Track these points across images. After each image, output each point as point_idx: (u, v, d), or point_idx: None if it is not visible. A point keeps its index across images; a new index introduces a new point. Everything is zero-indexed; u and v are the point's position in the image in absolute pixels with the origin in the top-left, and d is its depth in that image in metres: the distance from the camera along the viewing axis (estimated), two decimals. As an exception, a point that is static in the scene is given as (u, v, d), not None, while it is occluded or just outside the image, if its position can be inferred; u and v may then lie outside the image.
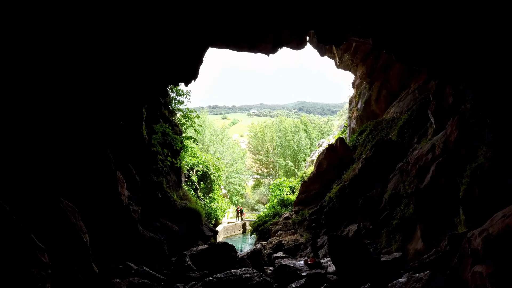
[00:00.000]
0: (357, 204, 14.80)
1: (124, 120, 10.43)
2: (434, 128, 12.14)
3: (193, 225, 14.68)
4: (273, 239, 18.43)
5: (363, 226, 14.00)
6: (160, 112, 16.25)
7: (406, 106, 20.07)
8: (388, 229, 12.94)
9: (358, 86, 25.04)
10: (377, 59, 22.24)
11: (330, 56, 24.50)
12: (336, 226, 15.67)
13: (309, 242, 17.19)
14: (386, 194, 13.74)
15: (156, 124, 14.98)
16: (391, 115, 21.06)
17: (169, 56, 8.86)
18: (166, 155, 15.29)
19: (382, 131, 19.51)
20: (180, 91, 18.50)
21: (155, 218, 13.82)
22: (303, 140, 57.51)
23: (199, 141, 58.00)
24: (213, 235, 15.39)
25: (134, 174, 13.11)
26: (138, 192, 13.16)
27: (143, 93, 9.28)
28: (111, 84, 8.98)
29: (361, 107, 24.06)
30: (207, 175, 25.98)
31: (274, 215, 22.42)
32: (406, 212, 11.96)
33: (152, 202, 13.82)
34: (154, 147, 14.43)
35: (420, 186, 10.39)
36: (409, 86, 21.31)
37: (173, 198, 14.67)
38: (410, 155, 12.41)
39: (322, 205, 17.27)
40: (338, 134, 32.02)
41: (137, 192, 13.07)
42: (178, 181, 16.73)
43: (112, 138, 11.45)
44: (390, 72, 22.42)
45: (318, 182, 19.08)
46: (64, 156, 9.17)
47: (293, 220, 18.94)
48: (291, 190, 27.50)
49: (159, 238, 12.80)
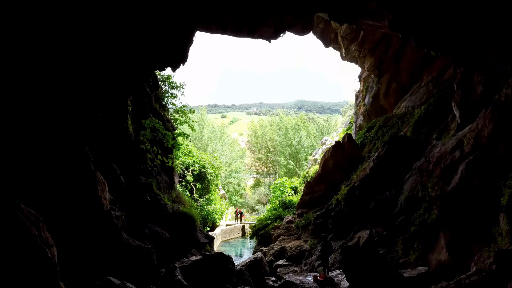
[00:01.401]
0: (369, 207, 13.55)
1: (104, 112, 9.14)
2: (459, 122, 10.87)
3: (186, 231, 13.41)
4: (274, 245, 17.19)
5: (375, 232, 12.75)
6: (150, 106, 14.97)
7: (419, 100, 18.81)
8: (405, 236, 11.70)
9: (365, 80, 23.75)
10: (387, 50, 20.95)
11: (335, 47, 23.18)
12: (345, 232, 14.42)
13: (314, 249, 15.96)
14: (402, 196, 12.49)
15: (145, 119, 13.69)
16: (402, 110, 19.79)
17: (154, 35, 7.57)
18: (156, 154, 14.01)
19: (393, 127, 18.24)
20: (173, 83, 17.23)
21: (143, 224, 12.56)
22: (304, 138, 56.29)
23: (197, 140, 56.79)
24: (209, 242, 14.14)
25: (118, 175, 11.83)
26: (123, 195, 11.89)
27: (124, 80, 8.01)
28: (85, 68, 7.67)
29: (368, 102, 22.78)
30: (203, 175, 24.69)
31: (275, 218, 21.17)
32: (427, 218, 10.72)
33: (140, 206, 12.56)
34: (142, 145, 13.15)
35: (446, 189, 9.13)
36: (421, 78, 20.04)
37: (164, 201, 13.40)
38: (431, 153, 11.13)
39: (329, 208, 16.02)
40: (342, 132, 30.75)
41: (122, 195, 11.80)
42: (170, 182, 15.45)
43: (91, 134, 10.15)
44: (400, 64, 21.15)
45: (323, 182, 17.83)
46: (29, 154, 7.87)
47: (297, 224, 17.69)
48: (293, 191, 26.24)
49: (147, 246, 11.53)
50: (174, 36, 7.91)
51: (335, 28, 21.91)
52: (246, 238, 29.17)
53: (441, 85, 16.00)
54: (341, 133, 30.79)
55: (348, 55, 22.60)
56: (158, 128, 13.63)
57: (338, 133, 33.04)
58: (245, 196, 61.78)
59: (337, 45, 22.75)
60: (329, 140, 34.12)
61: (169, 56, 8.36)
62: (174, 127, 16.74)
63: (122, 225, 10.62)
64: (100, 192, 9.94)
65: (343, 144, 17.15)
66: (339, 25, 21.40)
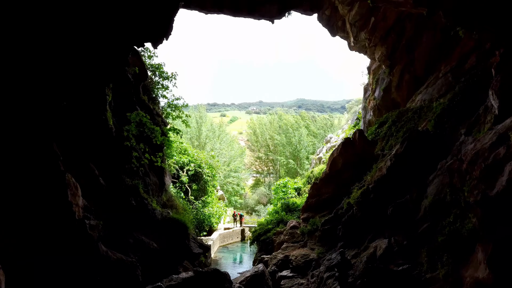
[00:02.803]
0: (386, 213, 12.08)
1: (72, 100, 7.64)
2: (496, 114, 9.39)
3: (177, 241, 11.94)
4: (277, 253, 15.73)
5: (395, 242, 11.27)
6: (137, 98, 13.49)
7: (437, 92, 17.33)
8: (431, 247, 10.22)
9: (375, 71, 22.25)
10: (400, 38, 19.45)
11: (342, 36, 21.67)
12: (358, 240, 12.96)
13: (322, 259, 14.50)
14: (426, 201, 11.03)
15: (132, 113, 12.19)
16: (417, 103, 18.31)
17: (130, 2, 6.08)
18: (143, 152, 12.52)
19: (408, 122, 16.76)
20: (164, 74, 15.72)
21: (127, 233, 11.09)
22: (304, 136, 54.96)
23: (195, 138, 55.39)
24: (203, 252, 12.66)
25: (97, 176, 10.34)
26: (102, 200, 10.41)
27: (94, 58, 6.53)
28: (43, 43, 6.16)
29: (379, 95, 21.29)
30: (199, 175, 23.19)
31: (277, 222, 19.69)
32: (459, 227, 9.25)
33: (123, 212, 11.10)
34: (127, 141, 11.65)
35: (490, 193, 7.64)
36: (438, 69, 18.54)
37: (151, 206, 11.92)
38: (462, 150, 9.66)
39: (339, 212, 14.55)
40: (349, 128, 29.27)
41: (101, 200, 10.32)
42: (160, 184, 13.97)
43: (60, 128, 8.62)
44: (415, 53, 19.65)
45: (331, 183, 16.36)
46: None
47: (302, 230, 16.22)
48: (297, 192, 24.74)
49: (130, 260, 10.06)
50: (156, 5, 6.40)
51: (342, 14, 20.40)
52: (246, 242, 27.71)
53: (466, 74, 14.50)
54: (347, 130, 29.31)
55: (357, 44, 21.08)
56: (145, 123, 12.13)
57: (344, 130, 31.55)
58: (245, 196, 60.54)
59: (344, 33, 21.23)
60: (334, 137, 32.64)
61: (149, 28, 6.84)
62: (165, 122, 15.26)
63: (99, 235, 9.13)
64: (70, 197, 8.47)
65: (354, 140, 15.67)
66: (347, 11, 19.91)
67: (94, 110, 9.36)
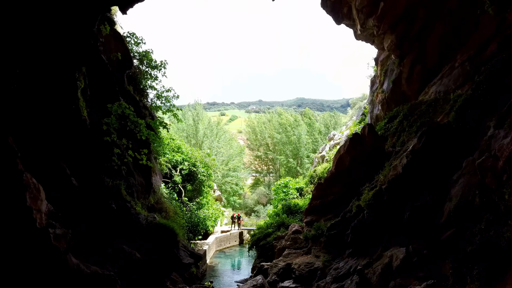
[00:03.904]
0: (402, 217, 10.79)
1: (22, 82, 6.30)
2: (537, 102, 8.07)
3: (164, 249, 10.63)
4: (278, 261, 14.44)
5: (413, 251, 9.97)
6: (120, 88, 12.19)
7: (454, 83, 16.02)
8: (457, 258, 8.94)
9: (384, 62, 20.93)
10: (411, 24, 18.11)
11: (348, 24, 20.34)
12: (370, 248, 11.68)
13: (328, 268, 13.20)
14: (450, 203, 9.73)
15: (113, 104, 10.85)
16: (431, 95, 16.99)
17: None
18: (126, 148, 11.20)
19: (422, 116, 15.45)
20: (152, 62, 14.42)
21: (106, 241, 9.80)
22: (303, 135, 53.79)
23: (192, 136, 54.10)
24: (195, 262, 11.32)
25: (68, 176, 9.03)
26: (75, 204, 9.08)
27: (53, 28, 5.23)
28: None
29: (388, 88, 19.97)
30: (194, 174, 21.86)
31: (278, 225, 18.41)
32: (494, 235, 7.95)
33: (101, 217, 9.79)
34: (107, 136, 10.33)
35: (540, 196, 6.33)
36: (453, 58, 17.19)
37: (135, 210, 10.61)
38: (496, 145, 8.36)
39: (347, 216, 13.27)
40: (353, 125, 27.96)
41: (73, 203, 8.99)
42: (146, 185, 12.67)
43: (19, 118, 7.31)
44: (427, 42, 18.34)
45: (338, 184, 15.07)
46: None
47: (305, 235, 14.94)
48: (299, 193, 23.42)
49: (107, 273, 8.74)
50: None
51: (348, 0, 19.08)
52: (244, 246, 26.40)
53: (486, 63, 13.18)
54: (352, 126, 28.02)
55: (364, 33, 19.74)
56: (129, 115, 10.78)
57: (348, 127, 30.25)
58: (244, 196, 59.40)
59: (350, 21, 19.90)
60: (338, 135, 31.34)
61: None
62: (153, 115, 13.95)
63: (67, 247, 7.83)
64: (30, 202, 7.17)
65: (364, 136, 14.35)
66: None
67: (62, 98, 8.03)
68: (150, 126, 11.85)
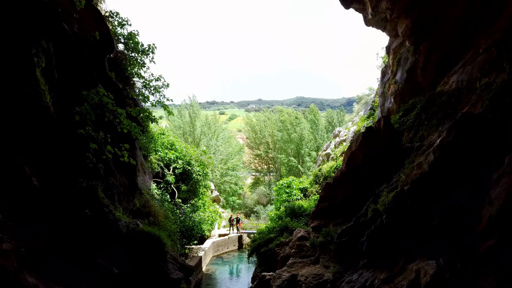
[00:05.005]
0: (430, 223, 9.29)
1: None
2: None
3: (148, 262, 9.13)
4: (282, 271, 12.96)
5: (445, 264, 8.49)
6: (99, 74, 10.68)
7: (479, 70, 14.47)
8: (502, 274, 7.51)
9: (397, 50, 19.39)
10: (428, 8, 16.60)
11: (357, 8, 18.82)
12: (389, 258, 10.18)
13: (340, 280, 11.71)
14: (490, 208, 8.25)
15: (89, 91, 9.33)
16: (452, 85, 15.46)
17: None
18: (104, 142, 9.70)
19: (444, 108, 13.94)
20: (139, 46, 12.97)
21: (77, 255, 8.28)
22: (305, 132, 52.35)
23: (189, 134, 52.64)
24: (185, 276, 9.81)
25: (28, 177, 7.52)
26: (37, 209, 7.57)
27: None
28: None
29: (401, 78, 18.45)
30: (189, 173, 20.35)
31: (281, 230, 16.92)
32: (556, 249, 6.53)
33: (71, 224, 8.29)
34: (80, 128, 8.82)
35: None
36: (476, 44, 15.62)
37: (113, 216, 9.10)
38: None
39: (360, 220, 11.79)
40: (360, 120, 26.46)
41: (34, 209, 7.49)
42: (131, 186, 11.17)
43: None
44: (444, 26, 16.84)
45: (349, 184, 13.58)
46: None
47: (312, 242, 13.46)
48: (303, 194, 21.91)
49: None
50: None
51: (358, -19, 17.55)
52: (244, 251, 24.91)
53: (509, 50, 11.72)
54: (359, 122, 26.51)
55: (375, 17, 18.22)
56: (107, 103, 9.27)
57: (354, 123, 28.74)
58: (244, 196, 58.03)
59: (360, 4, 18.37)
60: (344, 131, 29.83)
61: None
62: (140, 106, 12.41)
63: (18, 265, 6.32)
64: (-35, 209, 5.63)
65: (379, 129, 12.85)
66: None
67: (14, 76, 6.52)
68: (133, 117, 10.35)
